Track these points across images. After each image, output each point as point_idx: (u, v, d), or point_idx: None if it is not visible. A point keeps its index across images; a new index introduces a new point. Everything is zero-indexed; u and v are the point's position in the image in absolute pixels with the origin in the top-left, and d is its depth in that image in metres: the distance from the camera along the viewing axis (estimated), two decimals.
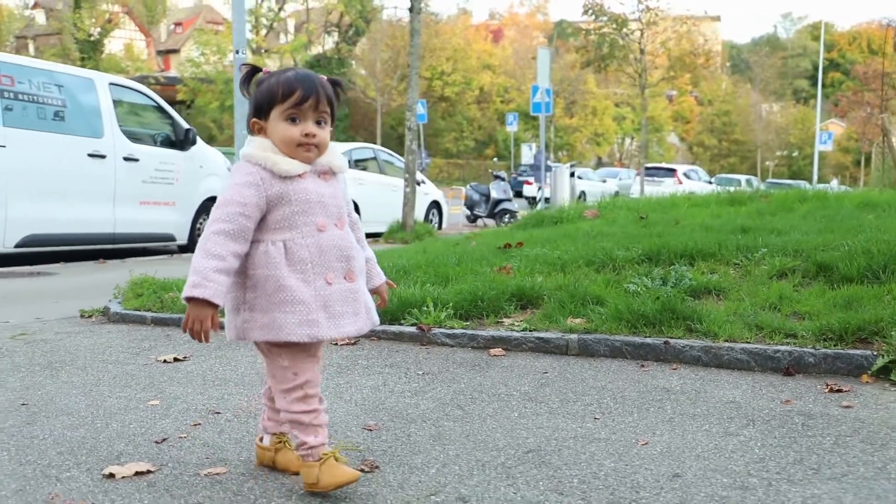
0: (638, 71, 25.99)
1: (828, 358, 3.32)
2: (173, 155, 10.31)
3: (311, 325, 2.15)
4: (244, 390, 3.25)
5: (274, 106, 2.20)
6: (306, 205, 2.19)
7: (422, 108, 31.12)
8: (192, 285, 2.07)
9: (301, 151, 2.20)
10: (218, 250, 2.10)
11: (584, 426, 2.78)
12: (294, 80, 2.20)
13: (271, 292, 2.15)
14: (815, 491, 2.22)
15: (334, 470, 2.16)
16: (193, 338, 2.09)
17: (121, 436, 2.68)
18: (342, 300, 2.21)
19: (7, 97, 8.50)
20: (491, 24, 71.01)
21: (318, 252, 2.20)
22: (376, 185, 14.80)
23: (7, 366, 3.61)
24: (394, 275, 4.94)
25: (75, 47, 37.44)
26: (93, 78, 9.81)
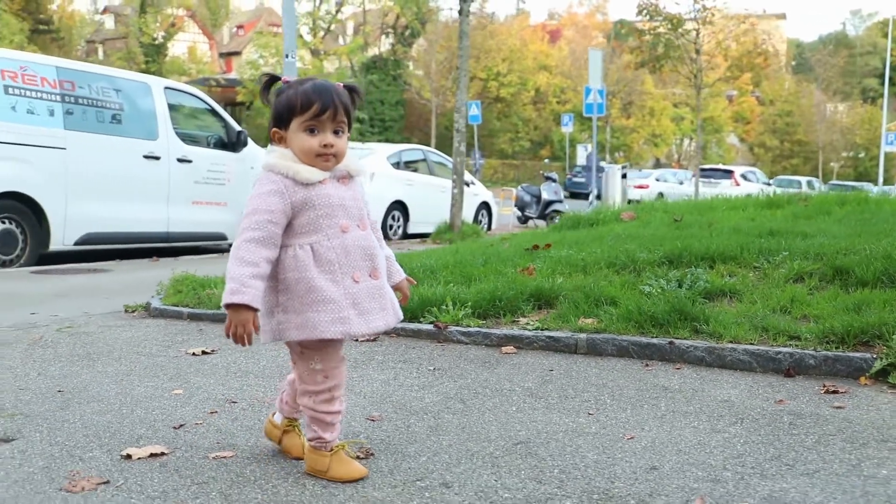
0: (693, 71, 25.73)
1: (828, 360, 3.38)
2: (225, 156, 10.62)
3: (342, 322, 2.28)
4: (263, 382, 3.44)
5: (293, 117, 2.32)
6: (329, 208, 2.31)
7: (476, 109, 31.23)
8: (230, 292, 2.19)
9: (320, 161, 2.32)
10: (251, 257, 2.22)
11: (576, 421, 2.91)
12: (312, 93, 2.31)
13: (303, 293, 2.28)
14: (783, 485, 2.32)
15: (346, 465, 2.35)
16: (236, 342, 2.23)
17: (143, 421, 2.89)
18: (369, 297, 2.34)
19: (68, 101, 8.90)
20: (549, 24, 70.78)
21: (344, 252, 2.32)
22: (425, 186, 14.95)
23: (50, 356, 3.87)
24: (420, 274, 5.10)
25: (140, 51, 38.52)
26: (149, 82, 10.19)
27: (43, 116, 8.63)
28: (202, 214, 10.20)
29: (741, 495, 2.24)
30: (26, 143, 8.43)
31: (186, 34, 52.82)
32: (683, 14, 26.05)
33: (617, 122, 47.73)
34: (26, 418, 2.91)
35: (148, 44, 38.51)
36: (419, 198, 14.56)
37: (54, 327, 4.56)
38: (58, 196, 8.66)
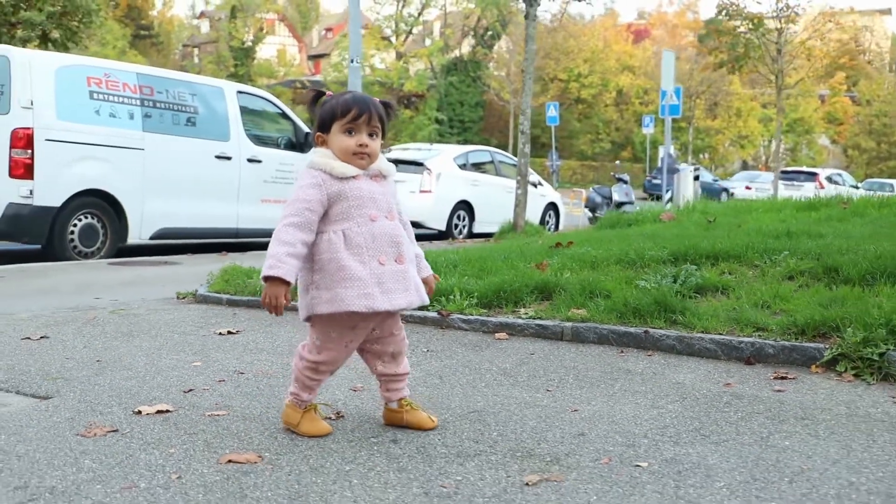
0: (774, 72, 25.35)
1: (785, 349, 3.64)
2: (293, 157, 11.19)
3: (367, 298, 2.60)
4: (273, 358, 3.89)
5: (335, 121, 2.69)
6: (360, 200, 2.66)
7: (554, 110, 31.33)
8: (268, 267, 2.56)
9: (356, 159, 2.68)
10: (289, 238, 2.58)
11: (533, 396, 3.26)
12: (351, 101, 2.70)
13: (333, 272, 2.61)
14: (688, 450, 2.63)
15: (314, 423, 2.75)
16: (270, 311, 2.59)
17: (160, 386, 3.36)
18: (393, 278, 2.66)
19: (147, 105, 9.59)
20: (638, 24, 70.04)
21: (371, 238, 2.65)
22: (491, 187, 15.25)
23: (98, 332, 4.41)
24: (444, 268, 5.49)
25: (230, 55, 40.00)
26: (222, 87, 10.87)
27: (123, 119, 9.34)
28: (270, 212, 10.77)
29: (644, 457, 2.57)
30: (108, 145, 9.13)
31: (277, 37, 54.41)
32: (765, 13, 25.71)
33: (701, 123, 47.04)
34: (65, 381, 3.42)
35: (237, 48, 39.95)
36: (485, 198, 14.89)
37: (109, 310, 5.12)
38: (136, 193, 9.35)
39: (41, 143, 8.51)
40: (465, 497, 2.26)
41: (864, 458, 2.55)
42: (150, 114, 9.60)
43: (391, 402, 2.87)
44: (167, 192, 9.64)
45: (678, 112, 25.26)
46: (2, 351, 3.94)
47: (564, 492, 2.29)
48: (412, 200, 14.08)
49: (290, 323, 4.58)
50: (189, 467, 2.45)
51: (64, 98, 8.79)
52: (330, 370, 2.78)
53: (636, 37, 55.98)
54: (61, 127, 8.71)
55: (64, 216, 8.77)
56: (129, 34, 46.68)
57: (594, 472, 2.44)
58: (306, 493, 2.27)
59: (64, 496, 2.22)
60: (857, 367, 3.42)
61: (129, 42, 45.65)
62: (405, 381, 2.88)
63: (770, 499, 2.25)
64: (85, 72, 9.12)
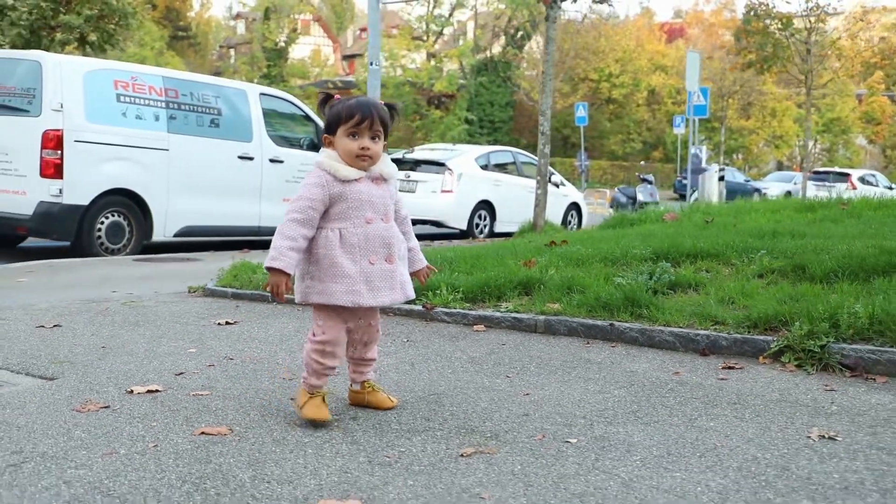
0: (804, 72, 25.24)
1: (738, 342, 3.87)
2: (314, 157, 11.50)
3: (354, 294, 2.85)
4: (263, 346, 4.20)
5: (340, 125, 2.90)
6: (358, 202, 2.88)
7: (583, 110, 31.48)
8: (270, 258, 2.83)
9: (358, 161, 2.89)
10: (291, 233, 2.83)
11: (493, 381, 3.53)
12: (355, 106, 2.90)
13: (327, 267, 2.86)
14: (618, 429, 2.88)
15: (317, 408, 2.90)
16: (273, 297, 2.85)
17: (156, 370, 3.68)
18: (381, 277, 2.90)
19: (172, 107, 9.99)
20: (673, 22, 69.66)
21: (365, 239, 2.88)
22: (512, 187, 15.47)
23: (107, 322, 4.76)
24: (438, 265, 5.76)
25: (263, 56, 40.64)
26: (245, 89, 11.25)
27: (149, 121, 9.74)
28: None
29: (576, 434, 2.83)
30: (134, 145, 9.54)
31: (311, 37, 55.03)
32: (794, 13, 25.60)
33: (734, 123, 46.75)
34: (71, 365, 3.75)
35: (270, 48, 40.56)
36: (506, 198, 15.12)
37: (121, 302, 5.48)
38: (160, 192, 9.75)
39: (70, 144, 8.93)
40: (404, 465, 2.54)
41: (776, 438, 2.79)
42: (174, 116, 10.00)
43: (355, 383, 3.14)
44: (191, 192, 10.02)
45: (705, 112, 25.30)
46: (17, 337, 4.29)
47: (493, 462, 2.56)
48: (433, 200, 14.39)
49: (286, 315, 4.89)
50: (166, 438, 2.76)
51: (92, 101, 9.20)
52: (334, 348, 2.95)
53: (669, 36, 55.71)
54: (89, 128, 9.12)
55: (92, 214, 9.18)
56: (167, 35, 47.52)
57: (526, 447, 2.71)
58: (264, 460, 2.56)
59: (52, 459, 2.54)
60: (801, 359, 3.65)
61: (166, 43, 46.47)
62: (372, 365, 3.14)
63: (676, 469, 2.50)
64: (112, 75, 9.53)
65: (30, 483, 2.35)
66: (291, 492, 2.32)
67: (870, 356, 3.54)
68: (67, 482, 2.36)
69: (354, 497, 2.28)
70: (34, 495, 2.26)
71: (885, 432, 2.85)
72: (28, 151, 8.87)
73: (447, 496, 2.31)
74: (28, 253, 9.61)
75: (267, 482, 2.39)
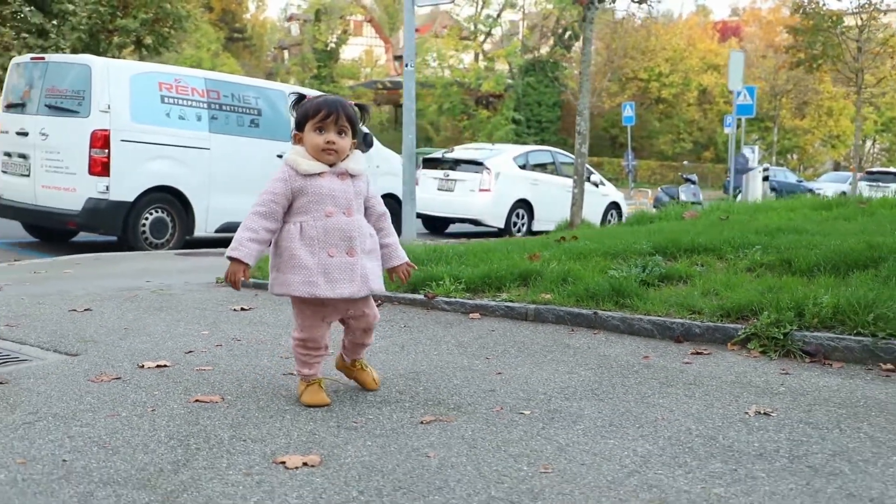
0: (854, 70, 24.94)
1: (710, 329, 4.10)
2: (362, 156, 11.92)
3: (311, 286, 2.97)
4: (271, 329, 4.54)
5: (307, 121, 3.03)
6: (318, 196, 3.00)
7: (630, 110, 31.41)
8: (230, 249, 3.01)
9: (324, 155, 3.02)
10: (252, 225, 3.00)
11: (472, 363, 3.81)
12: (322, 103, 3.05)
13: (286, 259, 3.01)
14: (572, 403, 3.15)
15: (314, 394, 3.09)
16: (231, 286, 3.06)
17: (168, 349, 4.04)
18: (340, 269, 3.01)
19: (213, 108, 10.44)
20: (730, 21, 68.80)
21: (324, 232, 3.00)
22: (550, 186, 15.68)
23: (133, 307, 5.15)
24: (452, 258, 6.04)
25: (313, 56, 41.36)
26: (284, 90, 11.66)
27: (191, 121, 10.20)
28: None
29: (532, 407, 3.11)
30: (177, 145, 10.01)
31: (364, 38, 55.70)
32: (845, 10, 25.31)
33: (788, 122, 46.09)
34: (94, 343, 4.13)
35: (321, 50, 41.26)
36: (544, 197, 15.34)
37: (150, 290, 5.87)
38: (202, 190, 10.21)
39: (117, 144, 9.41)
40: (367, 430, 2.84)
41: (715, 413, 3.03)
42: (216, 116, 10.44)
43: (347, 357, 3.34)
44: (231, 189, 10.45)
45: (751, 112, 25.17)
46: (50, 319, 4.70)
47: (448, 428, 2.85)
48: (471, 199, 14.69)
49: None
50: (164, 404, 3.10)
51: (138, 102, 9.68)
52: (315, 345, 3.11)
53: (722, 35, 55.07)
54: (135, 128, 9.60)
55: (137, 210, 9.66)
56: (222, 37, 48.53)
57: (482, 417, 2.99)
58: (245, 423, 2.89)
59: (62, 419, 2.90)
60: (765, 345, 3.86)
61: (222, 45, 47.48)
62: (367, 348, 3.34)
63: (612, 437, 2.77)
64: (157, 78, 10.01)
65: (39, 436, 2.71)
66: (262, 448, 2.64)
67: (829, 343, 3.75)
68: (71, 437, 2.71)
69: (315, 453, 2.59)
70: (41, 446, 2.62)
71: (819, 410, 3.07)
72: (78, 150, 9.38)
73: (398, 455, 2.60)
74: (78, 247, 10.14)
75: (243, 440, 2.71)
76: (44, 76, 9.89)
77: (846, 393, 3.29)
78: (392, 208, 12.23)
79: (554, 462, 2.54)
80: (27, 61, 10.40)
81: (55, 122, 9.60)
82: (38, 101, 9.83)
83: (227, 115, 10.61)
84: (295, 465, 2.48)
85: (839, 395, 3.26)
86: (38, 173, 9.72)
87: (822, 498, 2.28)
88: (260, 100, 11.02)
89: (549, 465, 2.51)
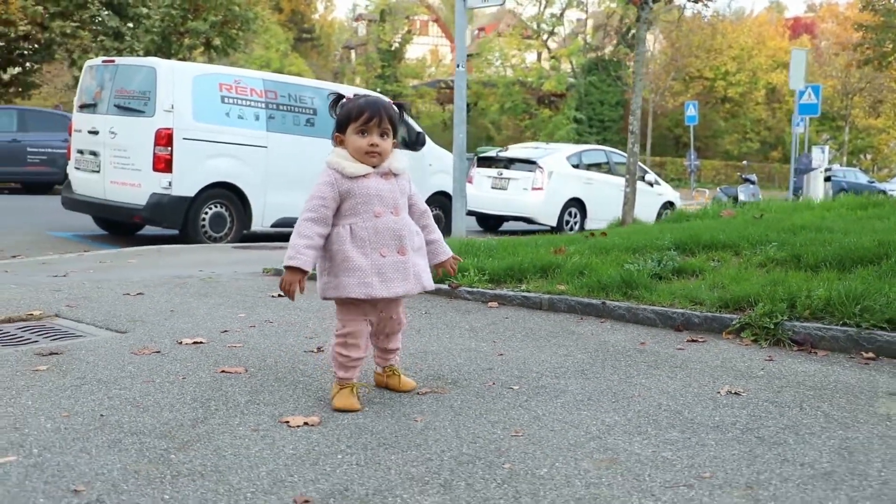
0: None
1: (707, 319, 4.33)
2: (407, 155, 12.32)
3: (366, 286, 2.96)
4: (301, 313, 4.91)
5: (350, 123, 3.04)
6: (366, 197, 3.00)
7: (693, 109, 31.24)
8: (287, 257, 2.96)
9: (368, 157, 3.02)
10: (306, 232, 2.98)
11: (479, 345, 4.12)
12: (364, 105, 3.03)
13: (340, 262, 2.98)
14: (560, 381, 3.44)
15: (345, 398, 3.03)
16: (285, 295, 2.99)
17: (206, 328, 4.45)
18: (393, 269, 3.01)
19: (271, 108, 10.94)
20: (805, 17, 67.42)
21: (374, 233, 3.00)
22: (603, 185, 15.85)
23: (182, 293, 5.59)
24: (483, 252, 6.35)
25: (377, 56, 42.05)
26: (339, 91, 12.11)
27: (250, 121, 10.72)
28: None
29: (521, 383, 3.41)
30: (236, 143, 10.53)
31: (429, 37, 56.23)
32: None
33: (861, 121, 45.07)
34: (142, 322, 4.57)
35: (385, 49, 41.91)
36: (597, 196, 15.52)
37: (200, 278, 6.32)
38: (259, 186, 10.72)
39: (179, 142, 9.97)
40: (368, 398, 3.19)
41: (689, 392, 3.29)
42: (273, 115, 10.94)
43: (378, 367, 3.35)
44: (287, 186, 10.93)
45: (816, 111, 24.87)
46: (106, 301, 5.16)
47: (440, 399, 3.18)
48: (524, 197, 14.97)
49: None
50: (194, 374, 3.49)
51: (199, 102, 10.23)
52: (356, 341, 3.07)
53: (793, 32, 54.04)
54: (196, 127, 10.14)
55: (197, 205, 10.21)
56: (291, 38, 49.57)
57: (473, 390, 3.31)
58: (261, 391, 3.26)
59: (104, 384, 3.30)
60: (757, 334, 4.09)
61: (291, 45, 48.50)
62: (394, 354, 3.32)
63: (586, 409, 3.06)
64: (217, 79, 10.54)
65: (83, 396, 3.12)
66: (272, 410, 3.00)
67: (817, 333, 3.96)
68: (110, 398, 3.11)
69: (317, 416, 2.94)
70: (84, 403, 3.02)
71: (788, 391, 3.30)
72: (143, 148, 9.96)
73: (389, 419, 2.94)
74: (145, 240, 10.74)
75: (256, 404, 3.08)
76: (114, 78, 10.52)
77: (821, 377, 3.51)
78: (445, 206, 12.64)
79: (526, 428, 2.84)
80: (98, 64, 11.06)
81: (123, 122, 10.20)
82: (108, 102, 10.46)
83: (284, 114, 11.10)
84: (297, 424, 2.84)
85: (813, 380, 3.48)
86: (107, 170, 10.34)
87: (759, 462, 2.54)
88: (315, 99, 11.47)
89: (520, 430, 2.82)
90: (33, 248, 9.33)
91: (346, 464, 2.49)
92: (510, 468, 2.47)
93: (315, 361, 3.75)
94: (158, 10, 24.02)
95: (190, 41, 24.55)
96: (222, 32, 24.83)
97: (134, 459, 2.47)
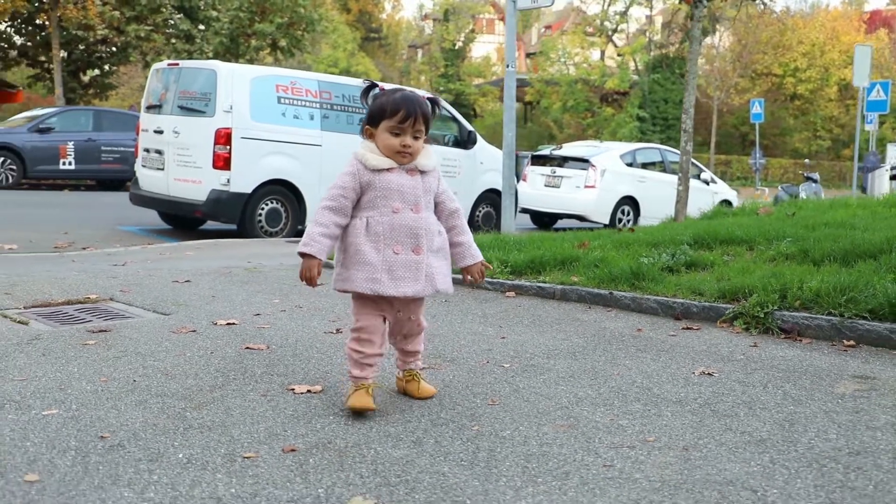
0: None
1: (705, 309, 4.58)
2: (457, 153, 12.68)
3: (374, 283, 2.90)
4: (329, 299, 5.31)
5: (383, 119, 2.94)
6: (386, 192, 2.93)
7: (759, 107, 30.89)
8: (302, 244, 2.92)
9: (398, 157, 2.95)
10: (323, 220, 2.93)
11: (485, 330, 4.45)
12: (400, 101, 2.92)
13: (351, 254, 2.95)
14: (549, 361, 3.75)
15: (360, 398, 2.94)
16: (304, 282, 2.97)
17: (241, 311, 4.87)
18: (405, 267, 2.94)
19: (325, 108, 11.41)
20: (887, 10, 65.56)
21: (390, 228, 2.93)
22: (657, 183, 15.92)
23: (226, 281, 6.05)
24: (514, 247, 6.65)
25: (440, 56, 42.54)
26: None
27: (305, 120, 11.20)
28: None
29: (512, 362, 3.73)
30: (291, 142, 11.02)
31: (496, 36, 56.45)
32: None
33: None
34: (185, 306, 5.02)
35: (448, 49, 42.37)
36: (650, 194, 15.63)
37: (245, 269, 6.78)
38: (313, 183, 11.18)
39: (237, 141, 10.49)
40: None
41: (665, 372, 3.57)
42: (327, 115, 11.40)
43: (399, 370, 3.28)
44: None
45: (885, 108, 24.45)
46: (156, 287, 5.64)
47: (434, 373, 3.53)
48: (577, 195, 15.19)
49: None
50: (222, 350, 3.91)
51: (257, 103, 10.75)
52: (369, 337, 3.01)
53: (869, 25, 52.64)
54: (254, 127, 10.65)
55: (254, 201, 10.72)
56: (359, 37, 50.39)
57: (466, 366, 3.65)
58: (278, 364, 3.65)
59: (141, 356, 3.74)
60: (748, 323, 4.33)
61: (358, 45, 49.32)
62: (415, 357, 3.23)
63: (563, 384, 3.37)
64: (274, 80, 11.05)
65: (121, 366, 3.55)
66: (282, 380, 3.39)
67: (804, 322, 4.18)
68: (144, 367, 3.54)
69: (320, 385, 3.31)
70: (121, 371, 3.46)
71: (759, 374, 3.56)
72: (204, 146, 10.52)
73: (384, 390, 3.29)
74: (206, 234, 11.31)
75: (270, 374, 3.47)
76: (177, 80, 11.12)
77: (795, 362, 3.75)
78: (496, 203, 12.96)
79: (503, 399, 3.17)
80: (164, 67, 11.68)
81: (186, 122, 10.78)
82: (173, 103, 11.06)
83: (338, 114, 11.55)
84: (301, 391, 3.22)
85: (786, 364, 3.72)
86: (170, 167, 10.94)
87: (703, 430, 2.82)
88: None
89: (497, 400, 3.15)
90: (103, 241, 9.95)
91: (334, 423, 2.86)
92: (478, 430, 2.81)
93: (332, 341, 4.13)
94: (227, 13, 24.88)
95: (257, 42, 25.36)
96: (288, 34, 25.61)
97: (155, 415, 2.88)
